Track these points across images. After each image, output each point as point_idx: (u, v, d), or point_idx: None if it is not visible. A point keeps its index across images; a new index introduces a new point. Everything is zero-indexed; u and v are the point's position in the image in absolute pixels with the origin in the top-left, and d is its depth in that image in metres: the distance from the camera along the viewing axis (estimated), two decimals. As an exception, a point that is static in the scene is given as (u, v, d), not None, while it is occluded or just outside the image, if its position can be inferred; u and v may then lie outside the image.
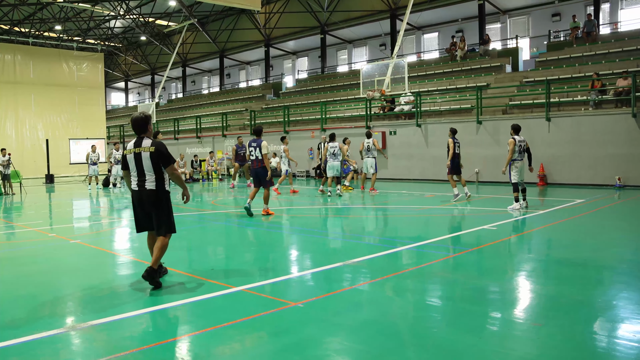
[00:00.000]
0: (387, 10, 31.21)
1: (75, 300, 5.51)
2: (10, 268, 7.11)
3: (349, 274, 6.22)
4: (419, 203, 13.82)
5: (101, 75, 32.48)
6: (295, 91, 34.91)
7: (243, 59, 45.27)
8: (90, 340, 4.27)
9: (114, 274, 6.79)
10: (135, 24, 39.38)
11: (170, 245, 8.69)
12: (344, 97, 28.38)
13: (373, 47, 36.70)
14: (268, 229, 9.94)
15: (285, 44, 39.73)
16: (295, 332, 4.31)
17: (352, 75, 30.77)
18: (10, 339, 4.23)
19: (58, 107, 29.49)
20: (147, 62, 50.05)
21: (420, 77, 26.62)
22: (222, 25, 40.09)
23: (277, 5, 35.95)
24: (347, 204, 14.19)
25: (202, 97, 44.79)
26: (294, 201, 15.21)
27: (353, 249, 7.97)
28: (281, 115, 27.36)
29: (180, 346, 4.12)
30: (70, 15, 36.30)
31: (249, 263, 7.10)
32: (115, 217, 13.00)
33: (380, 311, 4.86)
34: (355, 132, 23.07)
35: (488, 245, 7.83)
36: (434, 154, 20.54)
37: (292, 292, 5.59)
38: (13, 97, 27.95)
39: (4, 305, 5.30)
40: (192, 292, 5.55)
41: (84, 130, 29.31)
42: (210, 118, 34.32)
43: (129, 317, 4.77)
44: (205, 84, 51.29)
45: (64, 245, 8.89)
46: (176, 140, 33.41)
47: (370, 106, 23.14)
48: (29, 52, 29.40)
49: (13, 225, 11.37)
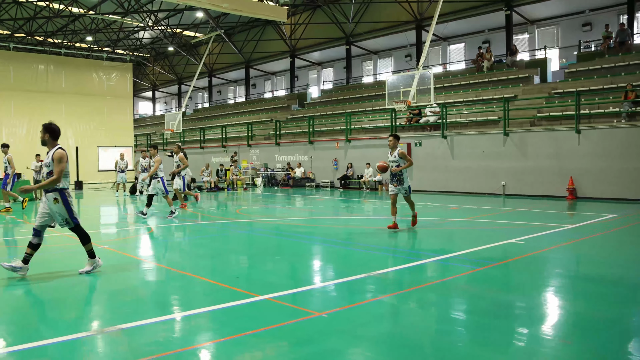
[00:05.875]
0: (412, 21, 31.16)
1: (101, 304, 5.58)
2: (40, 273, 7.21)
3: (372, 286, 6.17)
4: (443, 215, 13.66)
5: (129, 85, 33.01)
6: (320, 102, 35.00)
7: (268, 70, 45.61)
8: (115, 344, 4.31)
9: (139, 280, 6.85)
10: (163, 35, 40.03)
11: (194, 253, 8.81)
12: (369, 108, 28.35)
13: (398, 58, 36.64)
14: (293, 239, 9.93)
15: (310, 54, 39.94)
16: (318, 343, 4.28)
17: (377, 86, 30.73)
18: (38, 341, 4.30)
19: (87, 116, 30.06)
20: (174, 72, 50.79)
21: (446, 88, 26.45)
22: (248, 36, 40.51)
23: (303, 17, 36.19)
24: (370, 215, 14.12)
25: (228, 107, 45.22)
26: (316, 211, 15.19)
27: (377, 260, 7.90)
28: (306, 125, 27.44)
29: (203, 353, 4.13)
30: (101, 26, 37.09)
31: (273, 272, 7.09)
32: (142, 224, 13.14)
33: (403, 324, 4.79)
34: (380, 143, 23.00)
35: (514, 259, 7.68)
36: (460, 165, 20.34)
37: (316, 302, 5.55)
38: (45, 106, 28.53)
39: (33, 308, 5.38)
40: (216, 300, 5.57)
41: (112, 138, 29.80)
42: (236, 128, 34.61)
43: (153, 323, 4.80)
44: (231, 94, 51.79)
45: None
46: (202, 150, 33.76)
47: (396, 117, 23.06)
48: (61, 63, 30.08)
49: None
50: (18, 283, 6.53)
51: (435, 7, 22.18)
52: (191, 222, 13.12)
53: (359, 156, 24.02)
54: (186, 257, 8.56)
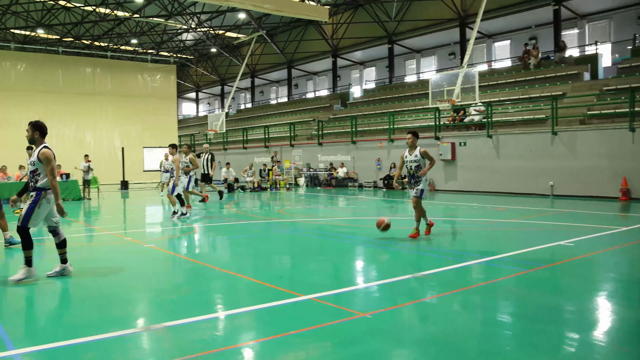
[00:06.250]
0: (456, 19, 30.67)
1: (147, 302, 5.72)
2: (89, 270, 7.45)
3: (417, 287, 6.11)
4: (489, 216, 13.39)
5: (173, 86, 33.73)
6: (362, 101, 34.88)
7: (311, 70, 45.77)
8: (159, 341, 4.42)
9: (183, 278, 6.99)
10: (206, 36, 40.75)
11: (238, 252, 8.92)
12: (412, 107, 28.07)
13: (442, 56, 36.14)
14: (336, 239, 9.92)
15: (352, 54, 39.86)
16: (362, 344, 4.26)
17: (421, 85, 30.39)
18: (87, 336, 4.43)
19: (133, 117, 30.89)
20: (217, 73, 51.60)
21: (491, 87, 25.92)
22: (290, 36, 40.75)
23: (345, 16, 36.15)
24: (413, 215, 13.97)
25: (270, 107, 45.62)
26: (359, 211, 15.14)
27: (421, 261, 7.82)
28: (348, 125, 27.41)
29: (247, 352, 4.17)
30: (145, 29, 38.07)
31: (316, 272, 7.11)
32: (186, 223, 13.39)
33: (448, 326, 4.72)
34: (423, 143, 22.75)
35: (564, 262, 7.46)
36: (506, 165, 19.90)
37: (360, 303, 5.54)
38: (92, 108, 29.53)
39: (82, 304, 5.57)
40: (260, 299, 5.62)
41: (157, 139, 30.50)
42: (278, 128, 34.88)
43: (197, 321, 4.87)
44: (274, 94, 52.22)
45: (138, 249, 9.25)
46: (244, 150, 34.17)
47: (439, 116, 22.76)
48: (107, 65, 31.03)
49: (92, 229, 11.95)
50: (65, 280, 6.76)
51: (480, 3, 21.76)
52: (235, 222, 13.29)
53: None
54: (230, 256, 8.68)
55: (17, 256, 8.48)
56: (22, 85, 27.50)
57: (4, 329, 4.59)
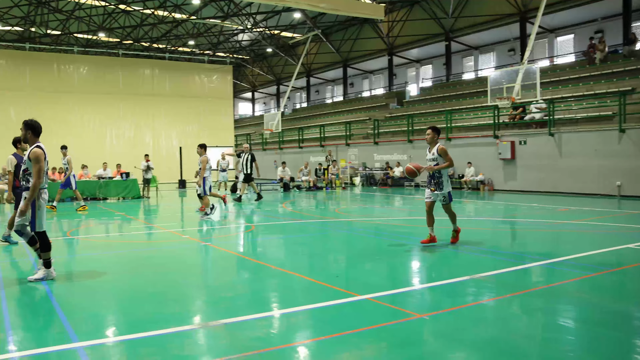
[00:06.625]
0: (516, 14, 29.81)
1: (204, 299, 5.87)
2: (148, 267, 7.75)
3: (474, 289, 6.00)
4: (551, 217, 12.96)
5: (230, 87, 34.41)
6: (419, 100, 34.48)
7: (366, 68, 45.64)
8: (216, 338, 4.52)
9: (240, 276, 7.13)
10: (261, 36, 41.37)
11: (294, 251, 9.02)
12: (470, 105, 27.52)
13: (501, 53, 35.20)
14: (392, 239, 9.88)
15: (408, 52, 39.45)
16: (418, 345, 4.24)
17: (479, 83, 29.74)
18: (146, 331, 4.59)
19: (190, 117, 31.73)
20: (273, 73, 52.26)
21: (553, 83, 25.04)
22: (346, 35, 40.77)
23: (400, 14, 35.83)
24: (472, 216, 13.71)
25: (326, 106, 45.80)
26: (415, 211, 14.99)
27: (479, 262, 7.66)
28: (405, 124, 27.17)
29: (303, 351, 4.22)
30: (202, 30, 39.03)
31: (372, 272, 7.10)
32: (243, 221, 13.67)
33: (506, 330, 4.62)
34: (482, 141, 22.29)
35: (632, 266, 7.13)
36: (568, 165, 19.19)
37: (416, 304, 5.50)
38: (151, 108, 30.55)
39: (141, 300, 5.79)
40: (316, 298, 5.67)
41: (214, 138, 31.17)
42: (334, 127, 34.98)
43: (254, 319, 4.96)
44: (329, 94, 52.40)
45: (195, 247, 9.53)
46: (300, 149, 34.46)
47: (499, 114, 22.20)
48: (165, 67, 32.00)
49: (151, 227, 12.38)
50: (126, 276, 7.05)
51: (542, -3, 21.09)
52: (291, 221, 13.45)
53: (459, 155, 23.38)
54: (286, 254, 8.79)
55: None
56: (84, 87, 28.75)
57: (69, 323, 4.82)
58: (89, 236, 11.13)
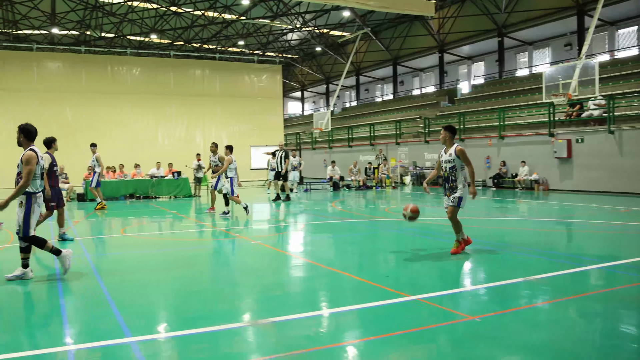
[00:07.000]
0: (573, 7, 28.76)
1: (254, 297, 5.93)
2: (198, 264, 7.93)
3: (528, 291, 5.83)
4: (610, 218, 12.45)
5: (279, 86, 34.65)
6: (470, 97, 33.82)
7: (416, 66, 45.12)
8: (265, 336, 4.55)
9: (289, 274, 7.18)
10: (310, 35, 41.54)
11: (343, 250, 9.01)
12: (523, 102, 26.77)
13: (557, 48, 34.06)
14: (442, 239, 9.73)
15: (459, 49, 38.75)
16: (469, 348, 4.15)
17: (533, 79, 28.89)
18: (197, 328, 4.67)
19: (240, 117, 32.12)
20: (322, 72, 52.38)
21: (613, 78, 24.03)
22: (395, 32, 40.42)
23: (451, 10, 35.22)
24: (525, 216, 13.35)
25: (376, 105, 45.55)
26: (467, 211, 14.70)
27: (533, 264, 7.44)
28: (456, 122, 26.69)
29: (352, 350, 4.20)
30: (252, 31, 39.54)
31: (422, 272, 7.01)
32: (292, 220, 13.77)
33: (562, 335, 4.46)
34: (536, 140, 21.64)
35: (699, 270, 6.76)
36: (630, 164, 18.37)
37: (467, 306, 5.38)
38: (201, 108, 31.07)
39: (191, 297, 5.91)
40: (365, 298, 5.65)
41: (263, 138, 31.45)
42: (384, 126, 34.74)
43: (302, 318, 4.98)
44: (379, 92, 52.10)
45: (246, 245, 9.67)
46: (350, 148, 34.41)
47: (554, 112, 21.49)
48: (215, 67, 32.49)
49: (203, 225, 12.63)
50: (176, 273, 7.22)
51: (602, -11, 20.28)
52: (340, 220, 13.45)
53: (513, 154, 22.82)
54: (335, 253, 8.80)
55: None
56: (137, 88, 29.54)
57: (122, 318, 4.96)
58: (142, 234, 11.46)
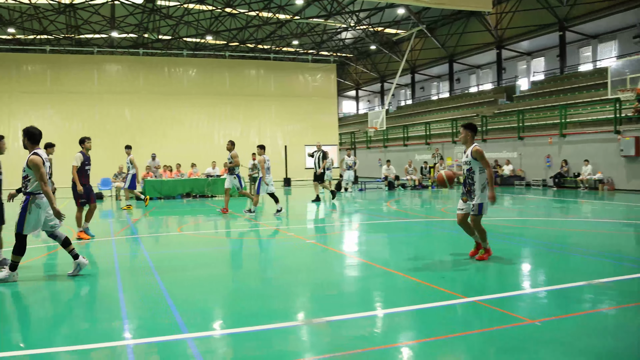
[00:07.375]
0: (643, -3, 27.40)
1: (308, 296, 5.99)
2: (253, 262, 8.08)
3: (592, 295, 5.62)
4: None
5: (333, 85, 34.70)
6: (530, 94, 32.80)
7: (473, 63, 44.15)
8: (319, 335, 4.58)
9: (343, 274, 7.20)
10: (365, 34, 41.35)
11: (398, 250, 8.96)
12: (586, 99, 25.71)
13: (624, 41, 32.49)
14: (501, 240, 9.51)
15: (518, 44, 37.63)
16: (529, 352, 4.04)
17: (597, 75, 27.71)
18: (251, 326, 4.75)
19: (294, 116, 32.38)
20: (377, 70, 52.07)
21: (686, 72, 22.74)
22: (451, 29, 39.70)
23: (510, 4, 34.24)
24: (589, 217, 12.85)
25: (431, 103, 44.91)
26: (527, 211, 14.30)
27: (597, 267, 7.16)
28: (515, 120, 25.98)
29: (406, 352, 4.17)
30: (306, 30, 39.75)
31: (479, 273, 6.87)
32: (347, 219, 13.79)
33: (630, 342, 4.28)
34: (600, 137, 20.77)
35: None
36: None
37: (527, 309, 5.24)
38: (256, 108, 31.52)
39: (246, 295, 6.03)
40: (420, 299, 5.60)
41: (318, 137, 31.45)
42: (440, 124, 34.21)
43: (357, 318, 4.98)
44: (434, 90, 51.33)
45: (301, 244, 9.76)
46: (405, 147, 34.10)
47: (621, 108, 20.54)
48: (270, 67, 32.89)
49: (257, 224, 12.83)
50: (230, 272, 7.36)
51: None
52: (395, 220, 13.37)
53: (575, 152, 21.98)
54: (390, 253, 8.76)
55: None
56: (193, 88, 30.29)
57: (178, 314, 5.10)
58: (198, 232, 11.77)
